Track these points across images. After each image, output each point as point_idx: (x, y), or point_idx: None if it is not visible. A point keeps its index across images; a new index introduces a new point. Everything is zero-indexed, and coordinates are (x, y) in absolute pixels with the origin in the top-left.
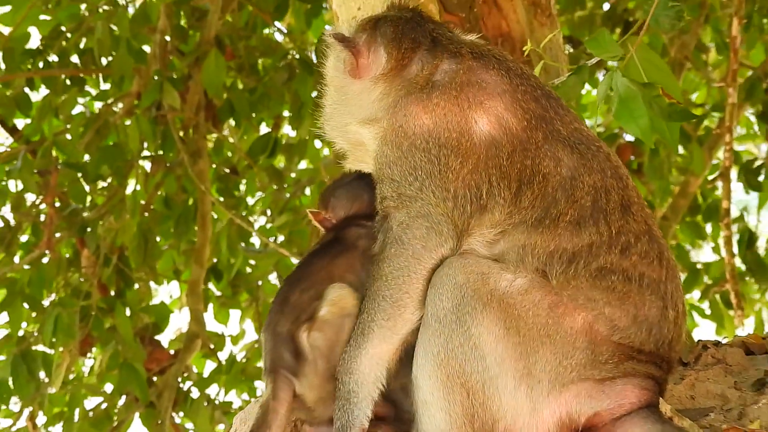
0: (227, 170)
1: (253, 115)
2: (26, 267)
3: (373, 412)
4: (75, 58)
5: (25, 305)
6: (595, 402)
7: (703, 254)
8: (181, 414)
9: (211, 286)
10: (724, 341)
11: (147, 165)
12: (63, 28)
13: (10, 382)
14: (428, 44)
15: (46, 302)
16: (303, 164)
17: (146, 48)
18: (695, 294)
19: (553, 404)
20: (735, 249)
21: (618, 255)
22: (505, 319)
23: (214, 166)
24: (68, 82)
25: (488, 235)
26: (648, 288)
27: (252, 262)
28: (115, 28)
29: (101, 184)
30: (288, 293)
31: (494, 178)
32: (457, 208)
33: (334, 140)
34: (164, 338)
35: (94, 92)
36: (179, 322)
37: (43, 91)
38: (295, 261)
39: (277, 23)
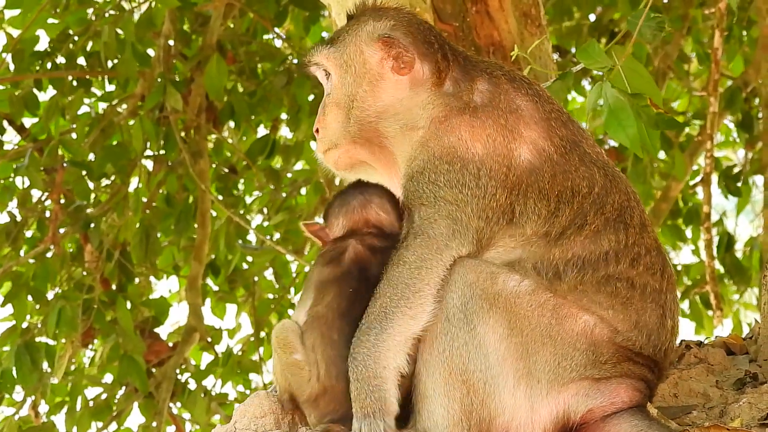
0: (226, 170)
1: (253, 117)
2: (31, 261)
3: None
4: (82, 61)
5: (30, 298)
6: (590, 400)
7: (683, 256)
8: (179, 404)
9: (209, 281)
10: (706, 341)
11: (149, 164)
12: (71, 32)
13: (14, 372)
14: (462, 60)
15: (50, 295)
16: (299, 165)
17: (150, 52)
18: None
19: (551, 402)
20: (714, 252)
21: (628, 264)
22: (510, 319)
23: (214, 165)
24: (75, 83)
25: (510, 243)
26: (650, 296)
27: (249, 258)
28: (120, 32)
29: (105, 181)
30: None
31: (531, 200)
32: (487, 227)
33: (347, 135)
34: (163, 331)
35: (99, 93)
36: (178, 315)
37: (51, 91)
38: (289, 258)
39: (276, 29)
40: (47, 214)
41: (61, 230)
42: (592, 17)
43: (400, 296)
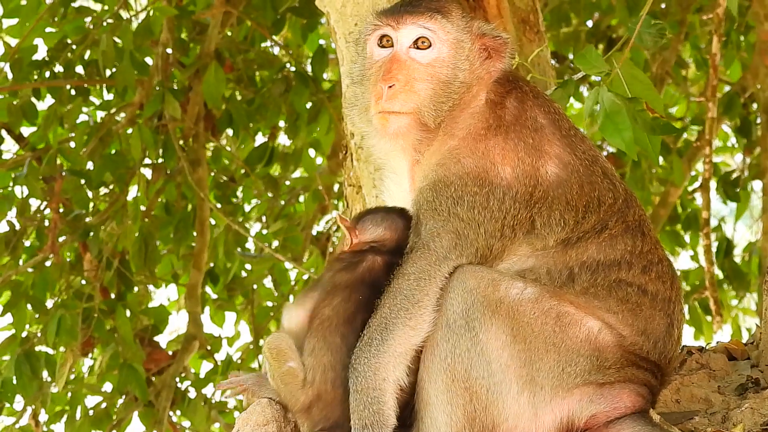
0: (225, 178)
1: (251, 125)
2: (30, 270)
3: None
4: (80, 69)
5: (29, 307)
6: (594, 405)
7: (682, 262)
8: (179, 413)
9: (208, 289)
10: (707, 347)
11: (148, 172)
12: (68, 41)
13: (14, 381)
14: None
15: (49, 304)
16: (298, 173)
17: (149, 60)
18: None
19: (555, 409)
20: (713, 257)
21: (640, 270)
22: (513, 327)
23: (212, 174)
24: (73, 92)
25: (526, 252)
26: (660, 304)
27: (248, 266)
28: (118, 40)
29: (104, 190)
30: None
31: (557, 212)
32: (499, 243)
33: (433, 111)
34: (163, 339)
35: (97, 102)
36: (177, 324)
37: (49, 100)
38: (288, 266)
39: (274, 37)
40: (46, 223)
41: (60, 239)
42: (590, 23)
43: (400, 307)
